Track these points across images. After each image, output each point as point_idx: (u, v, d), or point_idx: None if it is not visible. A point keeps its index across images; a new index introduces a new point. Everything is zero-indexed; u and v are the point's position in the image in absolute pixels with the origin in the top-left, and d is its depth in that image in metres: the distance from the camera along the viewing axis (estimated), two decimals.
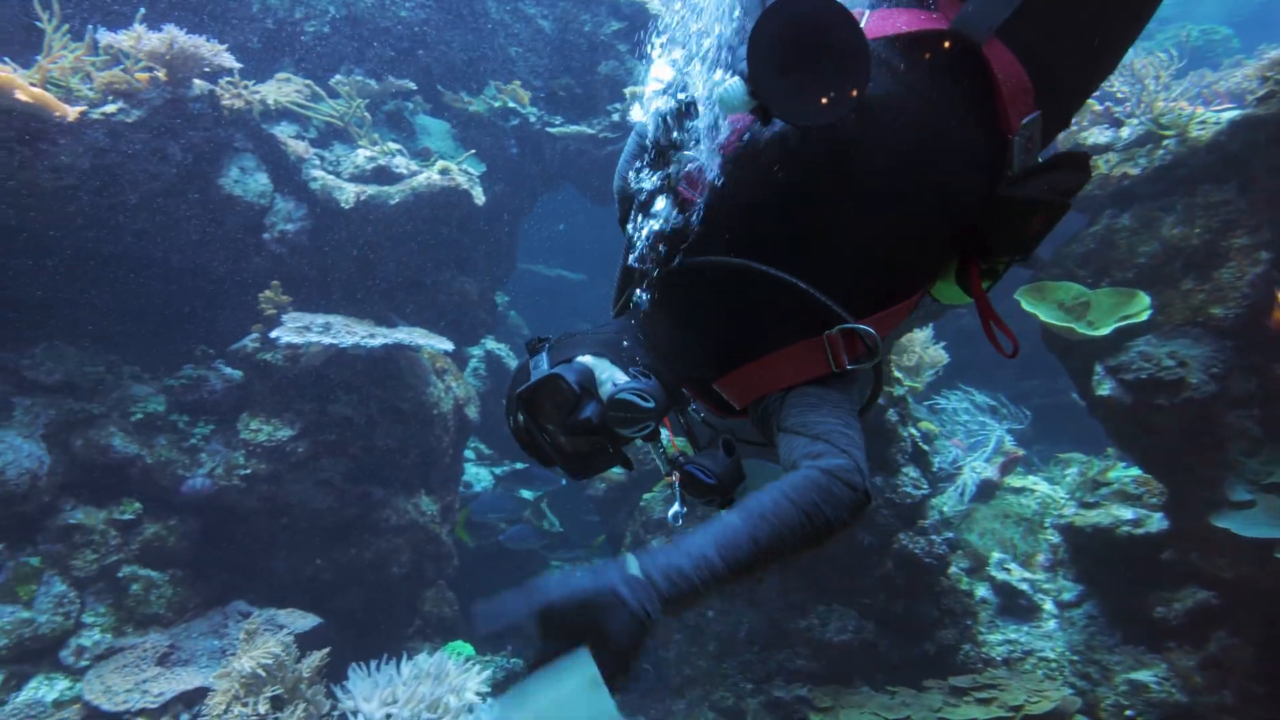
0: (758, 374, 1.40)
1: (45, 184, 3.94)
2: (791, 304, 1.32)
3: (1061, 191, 1.39)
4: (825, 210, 1.34)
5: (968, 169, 1.41)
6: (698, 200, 1.37)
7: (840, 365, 1.34)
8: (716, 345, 1.44)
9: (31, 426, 4.17)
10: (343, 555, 4.97)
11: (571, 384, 1.34)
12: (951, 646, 4.76)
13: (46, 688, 4.00)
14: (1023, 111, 1.39)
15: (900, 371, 5.35)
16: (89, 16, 4.31)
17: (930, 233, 1.42)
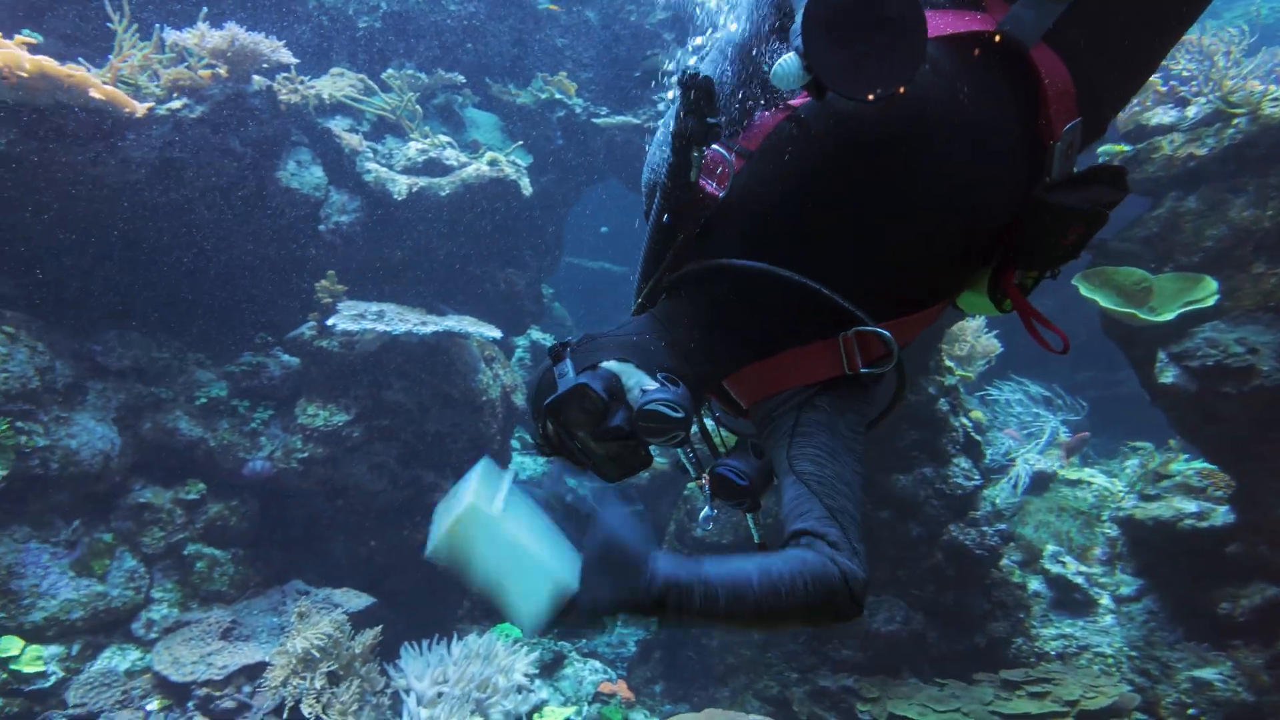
0: (769, 372, 1.39)
1: (116, 178, 4.12)
2: (809, 303, 1.31)
3: (1101, 204, 1.35)
4: (854, 208, 1.31)
5: (1008, 174, 1.37)
6: (719, 193, 1.35)
7: (854, 368, 1.32)
8: (732, 343, 1.43)
9: (104, 410, 4.37)
10: (395, 537, 5.10)
11: (600, 393, 1.29)
12: (1003, 640, 4.67)
13: (119, 657, 4.20)
14: (1065, 117, 1.36)
15: (952, 360, 5.26)
16: (156, 16, 4.48)
17: (964, 238, 1.39)
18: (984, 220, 1.38)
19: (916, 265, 1.37)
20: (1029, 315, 1.47)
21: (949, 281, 1.45)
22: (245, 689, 4.18)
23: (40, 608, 3.95)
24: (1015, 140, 1.36)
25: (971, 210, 1.35)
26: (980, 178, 1.34)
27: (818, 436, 1.30)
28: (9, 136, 3.74)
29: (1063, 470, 5.68)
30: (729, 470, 1.43)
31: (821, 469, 1.27)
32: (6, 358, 3.86)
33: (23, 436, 3.87)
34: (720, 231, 1.37)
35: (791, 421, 1.32)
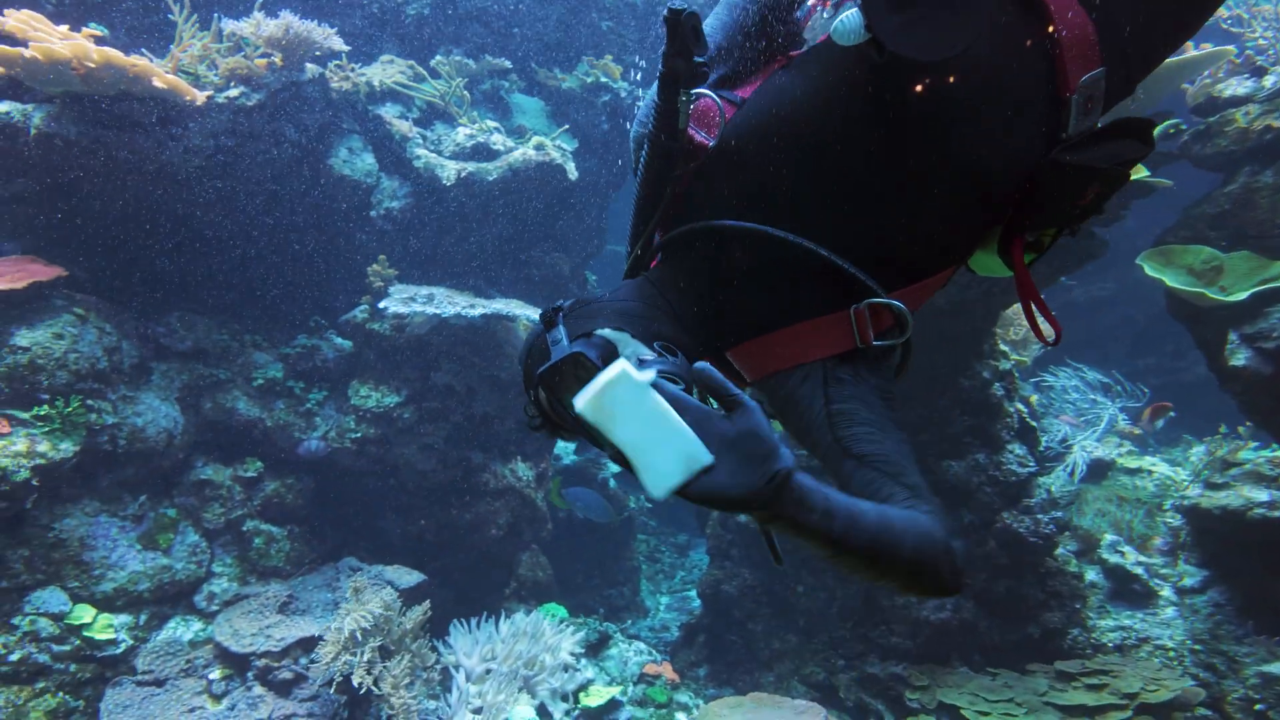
0: (777, 346, 1.31)
1: (178, 164, 4.24)
2: (816, 273, 1.24)
3: (1121, 161, 1.25)
4: (861, 165, 1.23)
5: (1024, 129, 1.27)
6: (709, 142, 1.29)
7: (866, 341, 1.25)
8: (734, 313, 1.35)
9: (167, 390, 4.52)
10: (444, 516, 5.19)
11: (595, 362, 1.24)
12: (1058, 630, 4.56)
13: (183, 628, 4.36)
14: (1084, 67, 1.25)
15: (1006, 345, 5.11)
16: (214, 6, 4.59)
17: (977, 198, 1.30)
18: (998, 179, 1.29)
19: (926, 228, 1.29)
20: (1029, 296, 1.39)
21: (960, 245, 1.37)
22: (302, 661, 4.31)
23: (110, 578, 4.12)
24: (1031, 92, 1.26)
25: (985, 168, 1.27)
26: (995, 134, 1.26)
27: (859, 413, 1.23)
28: (78, 126, 3.88)
29: (1122, 458, 5.50)
30: None
31: (881, 447, 1.20)
32: (77, 338, 4.02)
33: (93, 414, 4.02)
34: (713, 186, 1.30)
35: (822, 401, 1.25)
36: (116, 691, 3.98)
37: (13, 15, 3.69)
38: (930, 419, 4.70)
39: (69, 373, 3.92)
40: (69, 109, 3.87)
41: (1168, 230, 4.29)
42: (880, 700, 4.64)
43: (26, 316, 3.89)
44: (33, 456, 3.67)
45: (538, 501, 5.51)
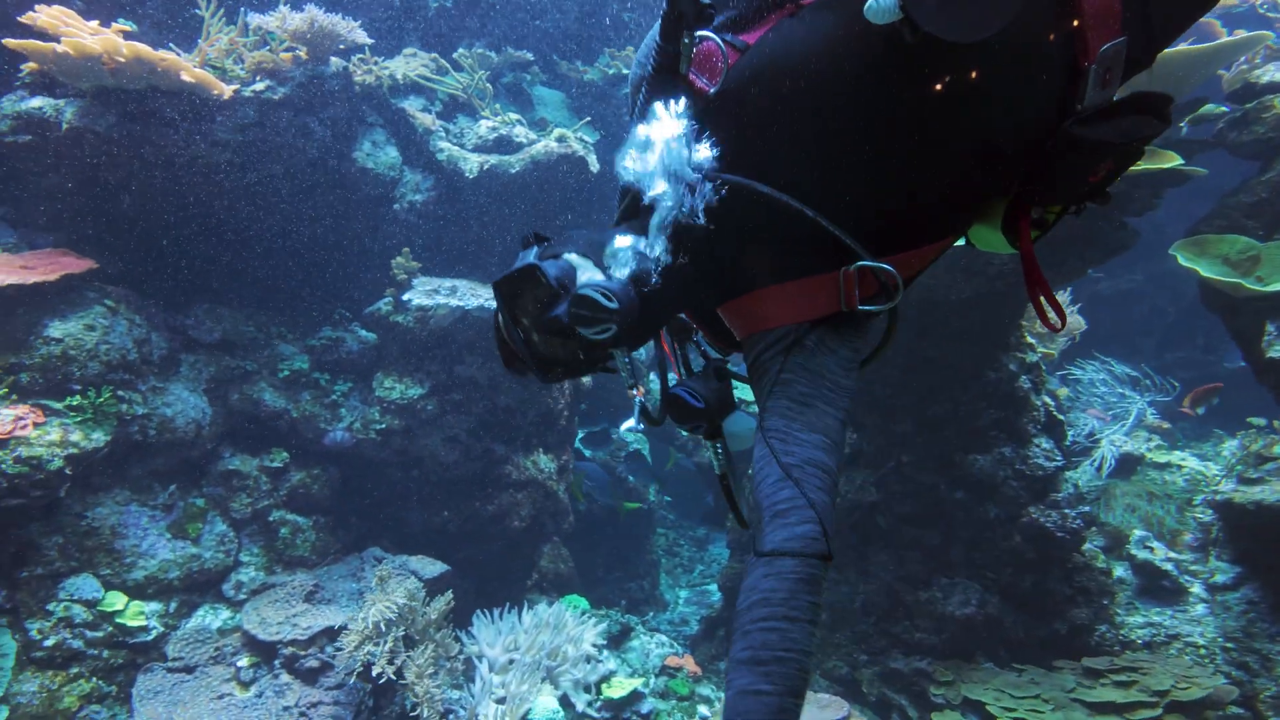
0: (764, 304, 1.28)
1: (205, 158, 4.28)
2: (807, 233, 1.20)
3: (1135, 138, 1.18)
4: (861, 125, 1.18)
5: (1034, 97, 1.21)
6: (710, 88, 1.24)
7: (851, 305, 1.21)
8: (725, 269, 1.31)
9: (195, 381, 4.58)
10: (467, 508, 5.22)
11: (550, 278, 1.22)
12: (1085, 626, 4.50)
13: (212, 616, 4.43)
14: (1105, 36, 1.18)
15: (1033, 337, 5.05)
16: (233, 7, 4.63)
17: (981, 167, 1.24)
18: (1005, 148, 1.23)
19: (925, 194, 1.24)
20: (1034, 277, 1.32)
21: (959, 215, 1.31)
22: (328, 649, 4.36)
23: (141, 566, 4.19)
24: (1047, 59, 1.19)
25: (992, 136, 1.21)
26: (1005, 101, 1.19)
27: (795, 385, 1.20)
28: (109, 120, 3.93)
29: (1151, 453, 5.41)
30: (684, 391, 1.33)
31: (788, 423, 1.17)
32: (108, 330, 4.07)
33: (123, 405, 4.08)
34: (711, 135, 1.24)
35: (777, 368, 1.23)
36: (148, 677, 4.05)
37: (45, 11, 3.74)
38: (956, 412, 4.65)
39: (100, 363, 3.98)
40: (99, 103, 3.92)
41: (1202, 219, 4.21)
42: (904, 695, 4.61)
43: (59, 308, 3.95)
44: (66, 446, 3.73)
45: (559, 494, 5.52)
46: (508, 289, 1.26)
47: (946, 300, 4.39)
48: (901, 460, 4.85)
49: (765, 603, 1.06)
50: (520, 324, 1.28)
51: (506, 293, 1.26)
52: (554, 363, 1.31)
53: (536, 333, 1.27)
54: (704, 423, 1.34)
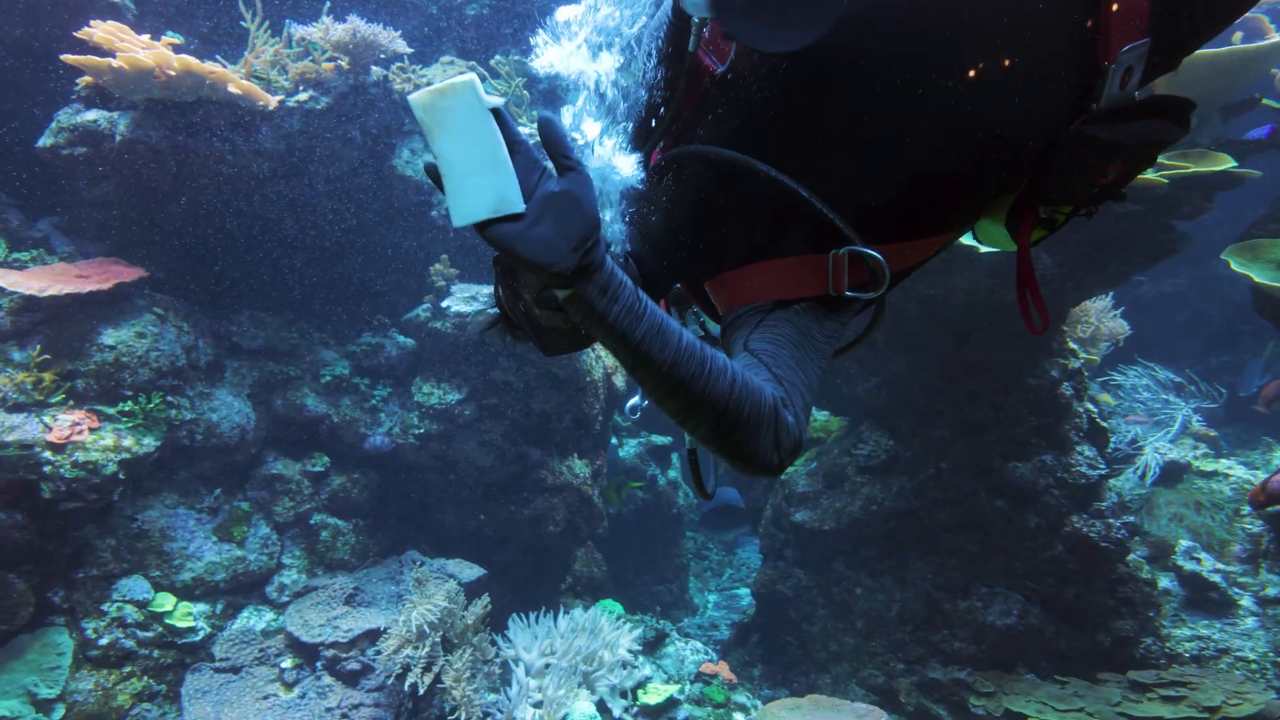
0: (751, 280, 1.26)
1: (250, 167, 4.36)
2: (801, 213, 1.18)
3: (1149, 142, 1.15)
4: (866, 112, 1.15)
5: (1049, 92, 1.17)
6: (717, 68, 1.22)
7: (839, 289, 1.18)
8: (710, 243, 1.30)
9: (239, 386, 4.67)
10: (503, 511, 5.25)
11: None
12: (1130, 639, 4.42)
13: (256, 618, 4.50)
14: (1128, 36, 1.13)
15: (1075, 343, 4.97)
16: (280, 11, 4.70)
17: (989, 161, 1.20)
18: (1014, 144, 1.19)
19: (927, 186, 1.21)
20: (1026, 277, 1.30)
21: (963, 209, 1.28)
22: (369, 652, 4.42)
23: (189, 568, 4.28)
24: (1066, 54, 1.15)
25: (1001, 130, 1.16)
26: (1018, 94, 1.15)
27: (782, 328, 1.18)
28: (159, 131, 4.02)
29: (1197, 461, 5.30)
30: None
31: (778, 349, 1.15)
32: (158, 337, 4.17)
33: (172, 410, 4.18)
34: (715, 114, 1.24)
35: (758, 319, 1.21)
36: (196, 677, 4.14)
37: (99, 26, 3.83)
38: (996, 419, 4.60)
39: (151, 370, 4.08)
40: (151, 115, 4.01)
41: (1254, 223, 4.11)
42: (943, 706, 4.56)
43: (111, 316, 4.06)
44: (119, 450, 3.82)
45: (594, 499, 5.54)
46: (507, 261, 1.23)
47: (988, 305, 4.34)
48: (940, 467, 4.80)
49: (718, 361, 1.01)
50: (521, 298, 1.25)
51: (505, 267, 1.22)
52: (555, 335, 1.27)
53: (538, 306, 1.24)
54: None
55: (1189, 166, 3.91)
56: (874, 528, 4.99)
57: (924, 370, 4.81)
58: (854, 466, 5.18)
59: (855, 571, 5.12)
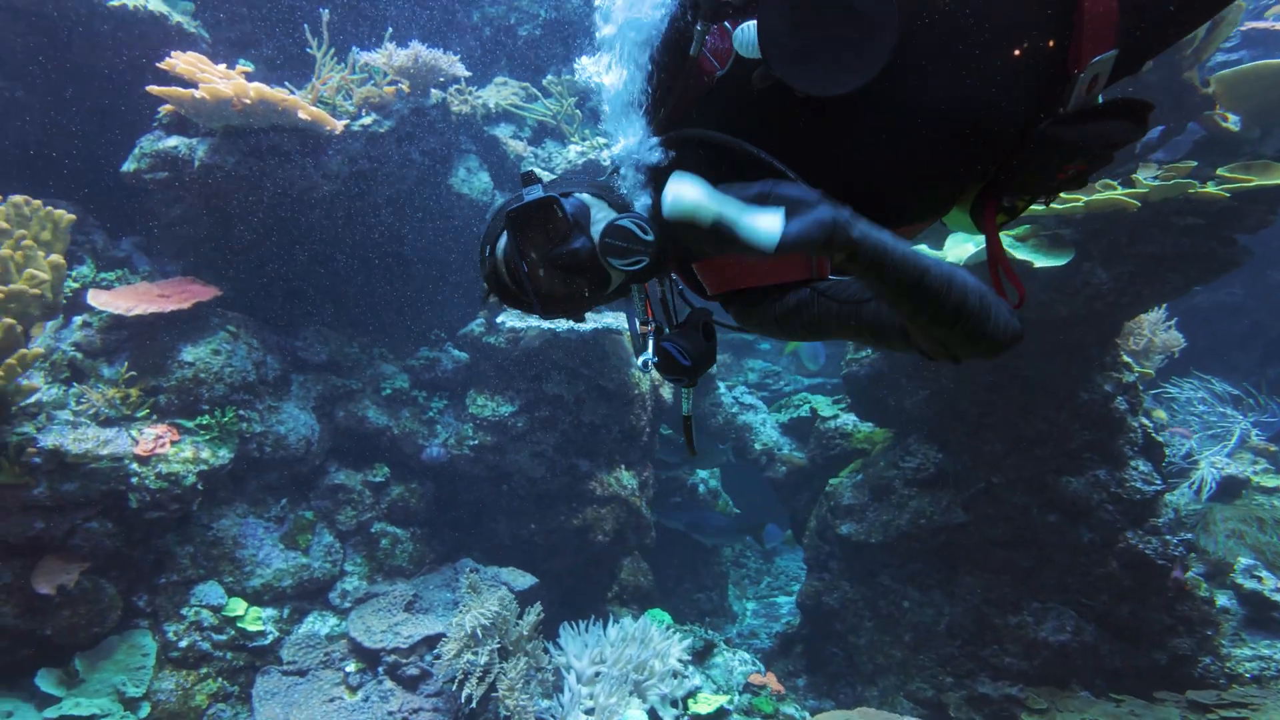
0: (740, 265, 1.33)
1: (317, 189, 4.54)
2: None
3: (1108, 142, 1.22)
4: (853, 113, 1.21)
5: (1021, 96, 1.24)
6: (717, 70, 1.28)
7: (822, 274, 1.26)
8: None
9: (305, 400, 4.84)
10: (553, 521, 5.37)
11: (567, 212, 1.25)
12: (1187, 657, 4.37)
13: (320, 622, 4.67)
14: (1098, 48, 1.21)
15: (1129, 356, 4.92)
16: (339, 35, 4.88)
17: (962, 160, 1.28)
18: (987, 144, 1.27)
19: (903, 179, 1.29)
20: (997, 257, 1.36)
21: (934, 203, 1.37)
22: (427, 657, 4.55)
23: (258, 575, 4.46)
24: (1040, 62, 1.23)
25: (976, 131, 1.24)
26: (994, 98, 1.23)
27: (849, 281, 1.25)
28: (235, 156, 4.21)
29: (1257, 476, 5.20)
30: (674, 347, 1.36)
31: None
32: (231, 354, 4.36)
33: (244, 423, 4.36)
34: (715, 109, 1.29)
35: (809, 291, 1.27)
36: (265, 679, 4.31)
37: (181, 58, 4.03)
38: (1049, 433, 4.58)
39: (225, 385, 4.27)
40: (227, 141, 4.20)
41: None
42: None
43: (190, 334, 4.25)
44: (197, 462, 4.01)
45: (643, 510, 5.63)
46: (519, 218, 1.27)
47: (1041, 319, 4.33)
48: (991, 481, 4.79)
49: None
50: (528, 257, 1.28)
51: (518, 222, 1.27)
52: (555, 299, 1.32)
53: (543, 267, 1.29)
54: (685, 377, 1.38)
55: (1252, 179, 3.87)
56: (922, 541, 4.99)
57: (973, 383, 4.81)
58: (901, 479, 5.19)
59: (903, 585, 5.13)
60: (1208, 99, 4.20)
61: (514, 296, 1.36)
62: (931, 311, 1.11)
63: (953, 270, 1.11)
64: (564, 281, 1.29)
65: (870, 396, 5.45)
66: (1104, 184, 4.01)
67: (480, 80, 5.59)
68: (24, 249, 3.48)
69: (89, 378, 3.98)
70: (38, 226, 3.66)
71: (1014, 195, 1.32)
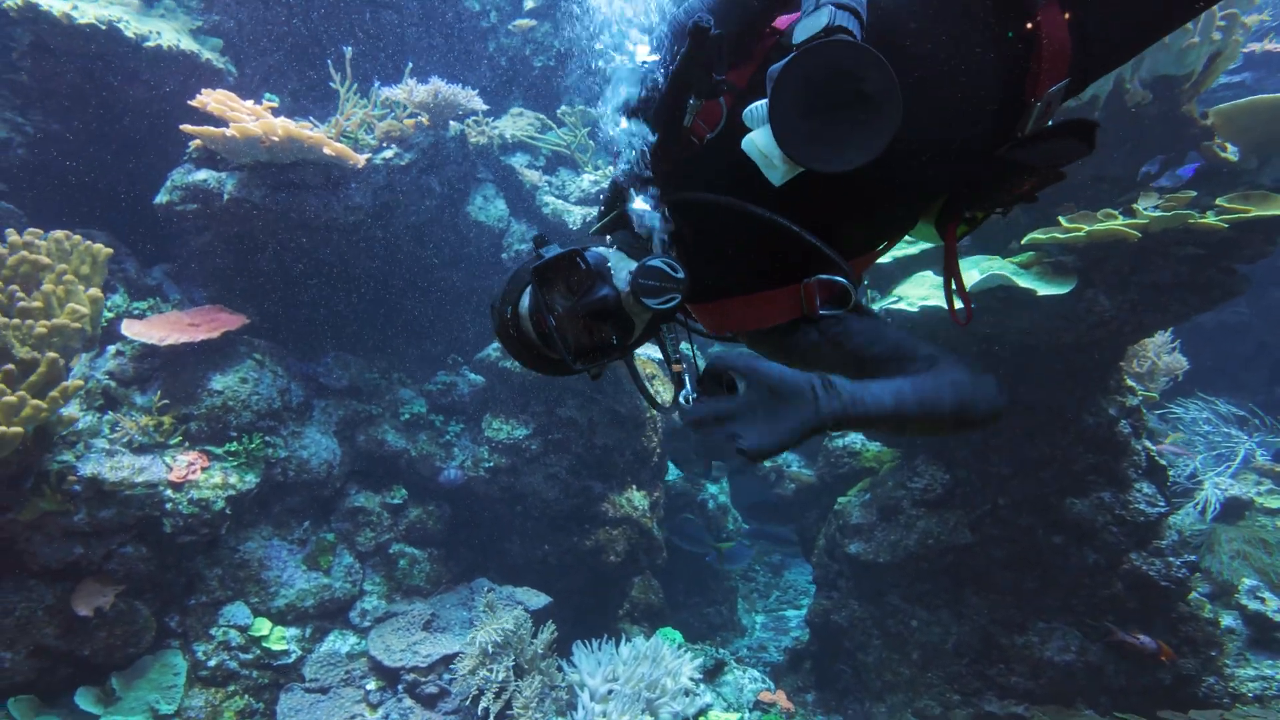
0: (734, 311, 1.42)
1: (339, 220, 4.69)
2: (774, 250, 1.33)
3: (1059, 160, 1.34)
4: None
5: (979, 128, 1.35)
6: (708, 134, 1.36)
7: (812, 311, 1.34)
8: (700, 276, 1.42)
9: (326, 425, 4.98)
10: (566, 542, 5.48)
11: (590, 263, 1.31)
12: (1191, 677, 4.44)
13: (341, 641, 4.79)
14: (1053, 79, 1.32)
15: (1132, 379, 5.01)
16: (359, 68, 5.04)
17: (923, 186, 1.40)
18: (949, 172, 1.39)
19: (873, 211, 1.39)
20: (952, 272, 1.47)
21: (903, 224, 1.48)
22: (445, 676, 4.67)
23: (282, 595, 4.59)
24: (990, 91, 1.33)
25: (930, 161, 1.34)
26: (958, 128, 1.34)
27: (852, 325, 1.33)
28: (262, 190, 4.37)
29: (1261, 498, 5.27)
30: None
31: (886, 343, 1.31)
32: (258, 381, 4.50)
33: (269, 449, 4.50)
34: (707, 168, 1.37)
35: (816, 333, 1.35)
36: (289, 696, 4.43)
37: (211, 95, 4.20)
38: (1054, 456, 4.67)
39: (252, 413, 4.41)
40: (255, 175, 4.36)
41: None
42: None
43: (219, 363, 4.40)
44: (226, 488, 4.15)
45: (654, 531, 5.73)
46: (545, 272, 1.33)
47: (1048, 345, 4.43)
48: (998, 502, 4.88)
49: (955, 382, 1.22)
50: (554, 311, 1.33)
51: (545, 277, 1.33)
52: (584, 349, 1.36)
53: (570, 319, 1.33)
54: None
55: (1250, 209, 3.95)
56: (930, 561, 5.08)
57: None
58: (909, 500, 5.27)
59: (910, 604, 5.21)
60: (1207, 130, 4.31)
61: (536, 355, 1.41)
62: (915, 430, 1.21)
63: (931, 388, 1.20)
64: (591, 332, 1.35)
65: None
66: (1105, 213, 4.12)
67: (496, 108, 5.74)
68: (65, 283, 3.64)
69: (122, 405, 4.13)
70: (78, 260, 3.82)
71: (974, 209, 1.44)
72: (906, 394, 1.18)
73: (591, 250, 1.38)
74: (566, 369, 1.42)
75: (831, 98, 1.15)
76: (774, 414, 1.09)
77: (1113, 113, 4.35)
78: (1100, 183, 4.50)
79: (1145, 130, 4.37)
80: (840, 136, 1.16)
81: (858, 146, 1.15)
